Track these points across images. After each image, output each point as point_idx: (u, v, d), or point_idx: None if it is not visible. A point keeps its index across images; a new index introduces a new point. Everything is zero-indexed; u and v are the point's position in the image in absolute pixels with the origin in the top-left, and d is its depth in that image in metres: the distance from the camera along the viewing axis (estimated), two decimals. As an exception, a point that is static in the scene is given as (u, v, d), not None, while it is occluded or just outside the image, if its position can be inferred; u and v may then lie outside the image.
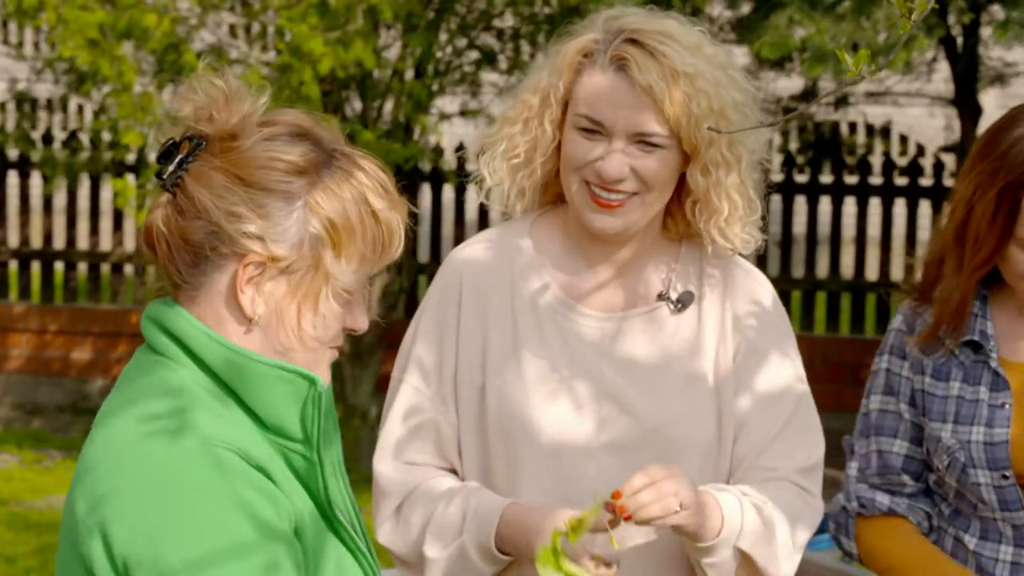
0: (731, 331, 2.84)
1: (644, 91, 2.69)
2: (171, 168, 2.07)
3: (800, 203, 10.07)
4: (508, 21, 9.01)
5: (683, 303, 2.83)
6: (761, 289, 2.89)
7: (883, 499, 3.04)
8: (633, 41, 2.71)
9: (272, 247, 2.04)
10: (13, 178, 10.61)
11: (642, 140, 2.71)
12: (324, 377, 2.13)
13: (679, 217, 2.83)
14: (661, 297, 2.84)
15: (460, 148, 9.74)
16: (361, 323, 2.14)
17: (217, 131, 2.07)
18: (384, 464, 2.84)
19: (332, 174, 2.08)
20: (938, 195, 9.94)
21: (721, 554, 2.73)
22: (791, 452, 2.83)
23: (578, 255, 2.85)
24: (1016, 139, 2.87)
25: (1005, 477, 2.92)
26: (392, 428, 2.84)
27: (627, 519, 2.59)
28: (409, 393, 2.84)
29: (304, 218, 2.05)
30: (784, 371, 2.86)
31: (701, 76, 2.68)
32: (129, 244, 10.44)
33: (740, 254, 2.87)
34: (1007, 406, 2.94)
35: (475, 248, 2.89)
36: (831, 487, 9.41)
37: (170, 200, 2.08)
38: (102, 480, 2.00)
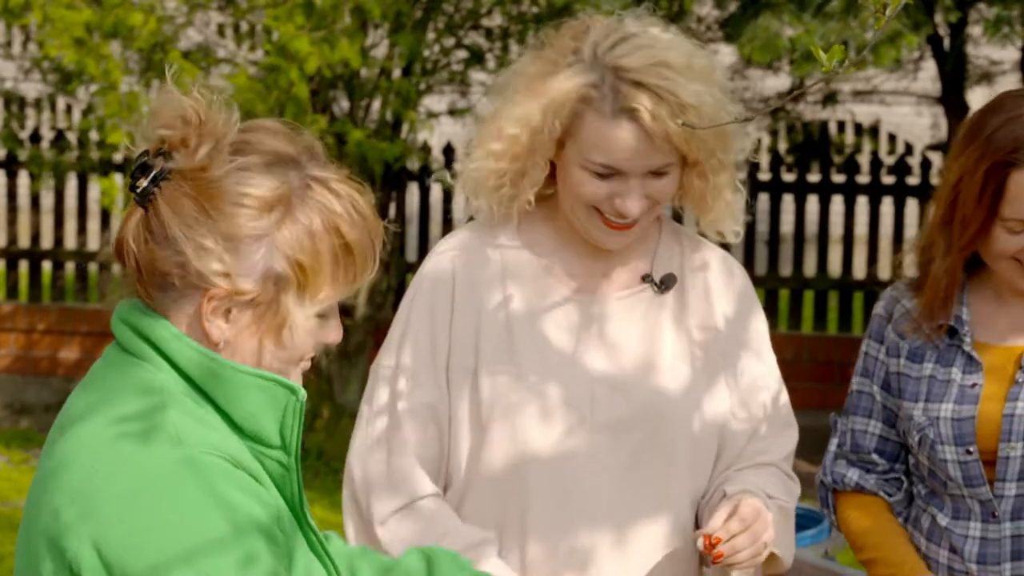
0: (710, 311, 2.91)
1: (660, 137, 2.71)
2: (145, 184, 2.05)
3: (788, 202, 10.08)
4: (496, 20, 9.01)
5: (666, 284, 2.89)
6: (737, 274, 2.97)
7: (853, 475, 3.17)
8: (635, 83, 2.70)
9: (237, 282, 2.03)
10: (0, 177, 10.61)
11: (657, 172, 2.76)
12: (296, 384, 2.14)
13: (684, 216, 2.91)
14: (645, 279, 2.89)
15: (450, 166, 9.74)
16: (334, 336, 2.14)
17: (187, 159, 2.04)
18: (374, 458, 2.83)
19: (304, 205, 2.06)
20: (925, 194, 9.94)
21: None
22: (776, 436, 2.92)
23: (564, 243, 2.89)
24: (1002, 122, 2.96)
25: (969, 452, 3.01)
26: (382, 418, 2.83)
27: (715, 562, 2.67)
28: (402, 381, 2.85)
29: (270, 255, 2.04)
30: (764, 356, 2.95)
31: (704, 104, 2.71)
32: (117, 243, 10.42)
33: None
34: (977, 386, 3.04)
35: (463, 237, 2.92)
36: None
37: (142, 218, 2.06)
38: (77, 479, 2.00)
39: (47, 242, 10.55)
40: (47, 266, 10.51)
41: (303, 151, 2.09)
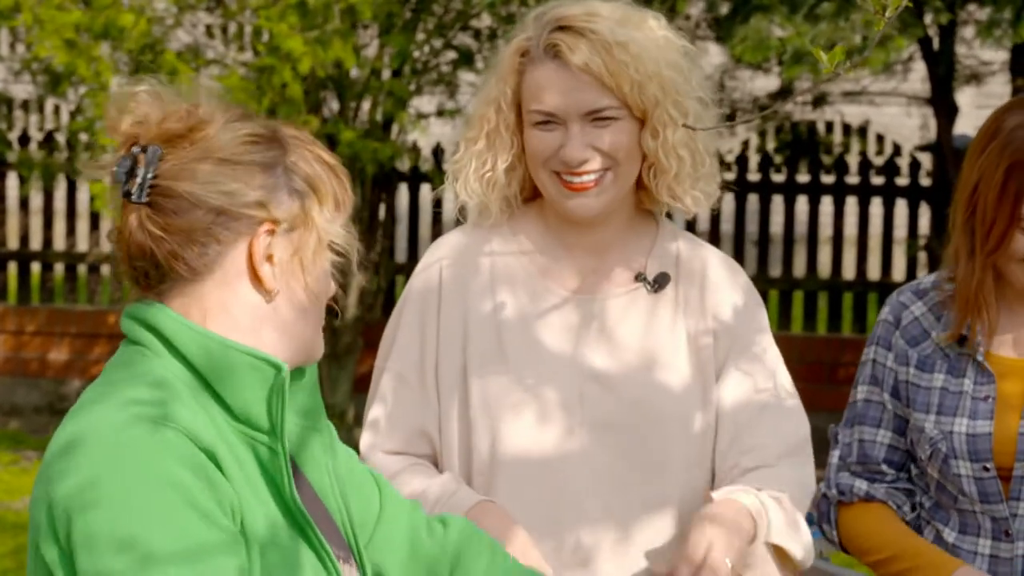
0: (707, 311, 2.89)
1: (582, 70, 2.75)
2: (139, 181, 2.13)
3: (777, 202, 10.10)
4: (485, 21, 9.01)
5: (659, 283, 2.88)
6: (734, 273, 2.95)
7: (861, 485, 3.10)
8: (561, 27, 2.78)
9: (272, 209, 2.13)
10: (-11, 179, 10.60)
11: (596, 117, 2.77)
12: (320, 346, 2.24)
13: (651, 189, 2.87)
14: (639, 278, 2.89)
15: (439, 167, 9.74)
16: (332, 287, 2.25)
17: (184, 127, 2.14)
18: (369, 452, 2.87)
19: (289, 143, 2.20)
20: (914, 194, 9.97)
21: (755, 554, 2.74)
22: (776, 429, 2.85)
23: (556, 241, 2.90)
24: (1020, 121, 2.93)
25: (986, 469, 2.96)
26: (377, 416, 2.88)
27: None
28: (393, 381, 2.88)
29: (287, 177, 2.16)
30: (763, 353, 2.90)
31: (633, 42, 2.75)
32: (106, 245, 10.42)
33: (701, 227, 2.92)
34: (990, 399, 2.98)
35: (455, 238, 2.94)
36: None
37: (152, 211, 2.12)
38: (89, 459, 2.02)
39: (36, 243, 10.55)
40: (36, 268, 10.50)
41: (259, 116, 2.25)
